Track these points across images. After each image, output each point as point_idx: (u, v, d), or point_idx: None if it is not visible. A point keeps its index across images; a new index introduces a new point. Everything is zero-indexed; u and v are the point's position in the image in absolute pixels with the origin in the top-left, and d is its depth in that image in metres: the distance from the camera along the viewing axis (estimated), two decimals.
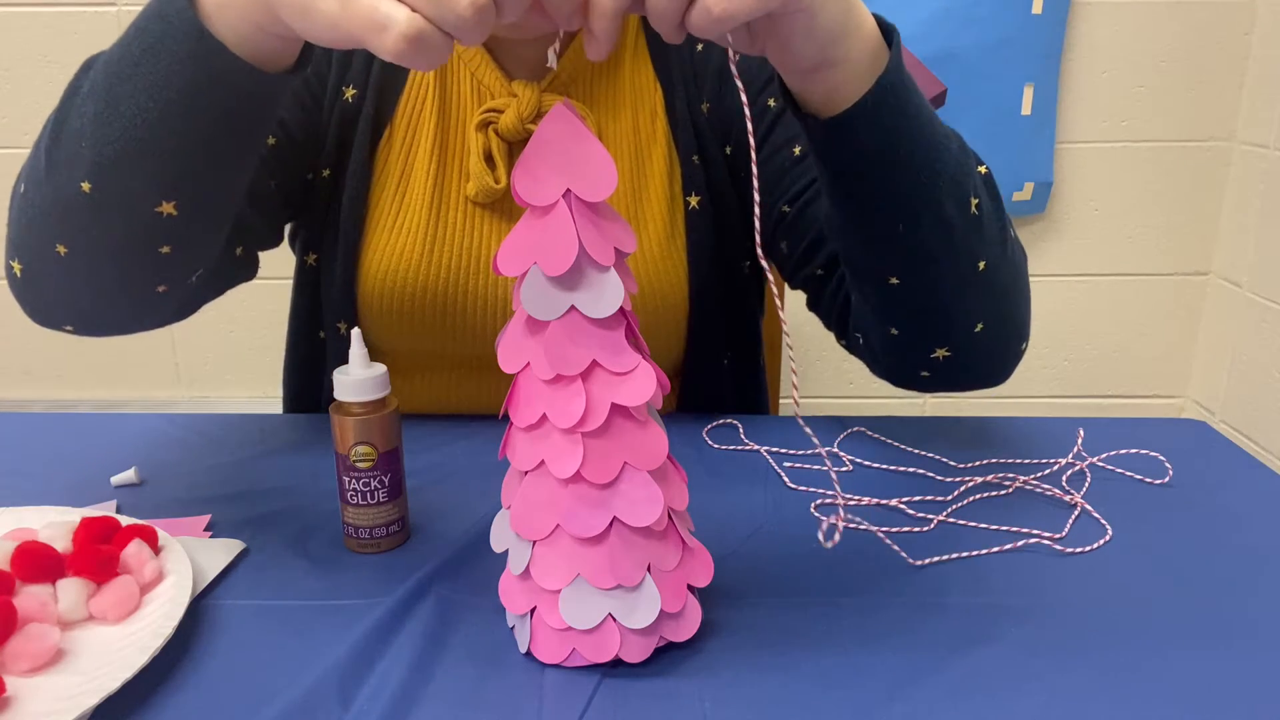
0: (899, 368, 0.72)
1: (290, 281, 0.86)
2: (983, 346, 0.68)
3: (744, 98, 0.49)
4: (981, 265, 0.63)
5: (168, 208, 0.57)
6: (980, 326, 0.66)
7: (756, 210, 0.50)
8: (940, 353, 0.68)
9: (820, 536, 0.57)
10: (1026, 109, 1.63)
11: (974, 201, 0.61)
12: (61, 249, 0.59)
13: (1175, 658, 0.51)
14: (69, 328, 0.67)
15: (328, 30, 0.44)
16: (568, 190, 0.46)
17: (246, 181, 0.63)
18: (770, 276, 0.52)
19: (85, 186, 0.56)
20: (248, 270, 0.77)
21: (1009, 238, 0.66)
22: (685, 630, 0.51)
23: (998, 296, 0.66)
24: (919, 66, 1.60)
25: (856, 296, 0.71)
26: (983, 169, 0.64)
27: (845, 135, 0.57)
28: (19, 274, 0.63)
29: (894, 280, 0.64)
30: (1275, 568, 0.60)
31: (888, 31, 0.56)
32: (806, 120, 0.58)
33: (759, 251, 0.50)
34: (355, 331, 0.59)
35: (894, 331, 0.68)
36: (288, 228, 0.85)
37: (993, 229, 0.64)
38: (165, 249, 0.60)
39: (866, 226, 0.63)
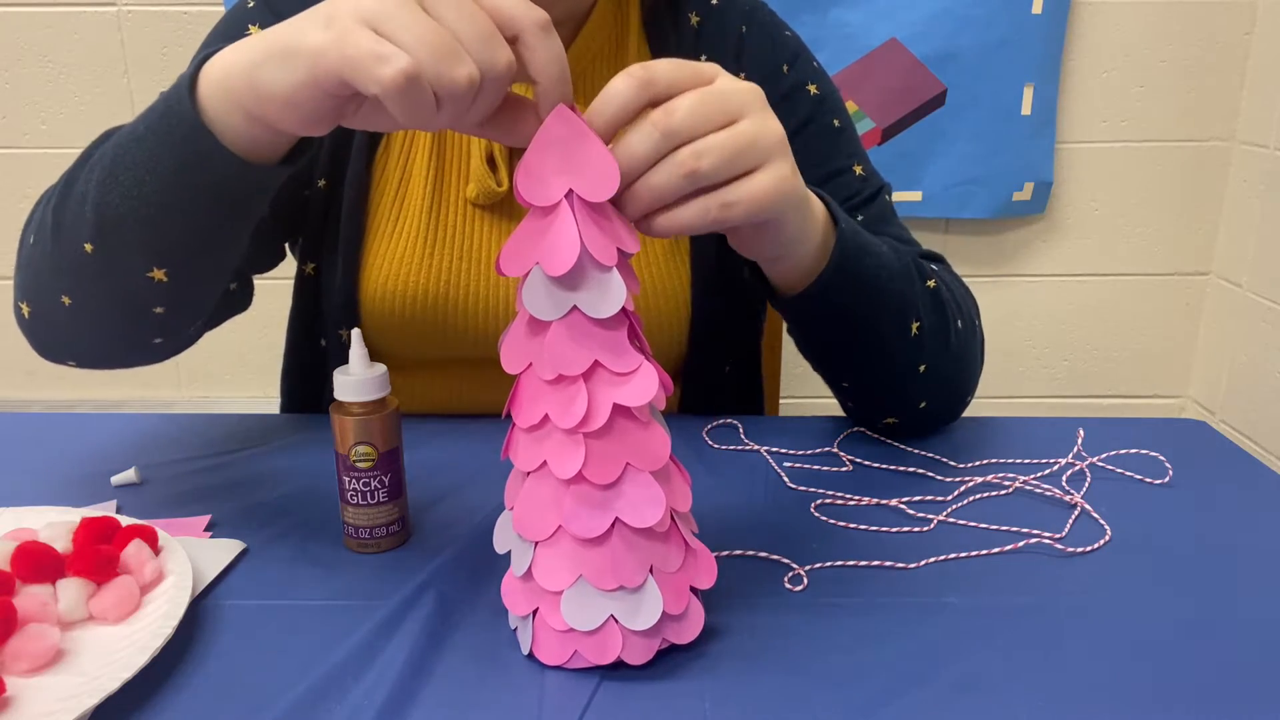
0: (860, 422, 0.81)
1: (290, 281, 0.85)
2: (929, 416, 0.78)
3: None
4: (922, 369, 0.73)
5: (158, 274, 0.61)
6: (924, 404, 0.76)
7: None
8: (891, 420, 0.78)
9: (786, 583, 0.57)
10: (1026, 109, 1.63)
11: (915, 325, 0.70)
12: (66, 300, 0.63)
13: (1175, 658, 0.51)
14: (71, 363, 0.71)
15: (309, 69, 0.46)
16: (570, 190, 0.46)
17: (238, 257, 0.66)
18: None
19: (88, 248, 0.60)
20: (243, 302, 0.78)
21: (953, 331, 0.74)
22: (688, 632, 0.51)
23: (940, 384, 0.76)
24: (919, 67, 1.60)
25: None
26: (931, 283, 0.73)
27: (802, 304, 0.67)
28: (27, 315, 0.68)
29: (844, 384, 0.77)
30: (1275, 568, 0.60)
31: (834, 214, 0.63)
32: (764, 291, 0.68)
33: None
34: (355, 331, 0.59)
35: (850, 404, 0.80)
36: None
37: (934, 340, 0.72)
38: (158, 310, 0.63)
39: (815, 346, 0.75)
